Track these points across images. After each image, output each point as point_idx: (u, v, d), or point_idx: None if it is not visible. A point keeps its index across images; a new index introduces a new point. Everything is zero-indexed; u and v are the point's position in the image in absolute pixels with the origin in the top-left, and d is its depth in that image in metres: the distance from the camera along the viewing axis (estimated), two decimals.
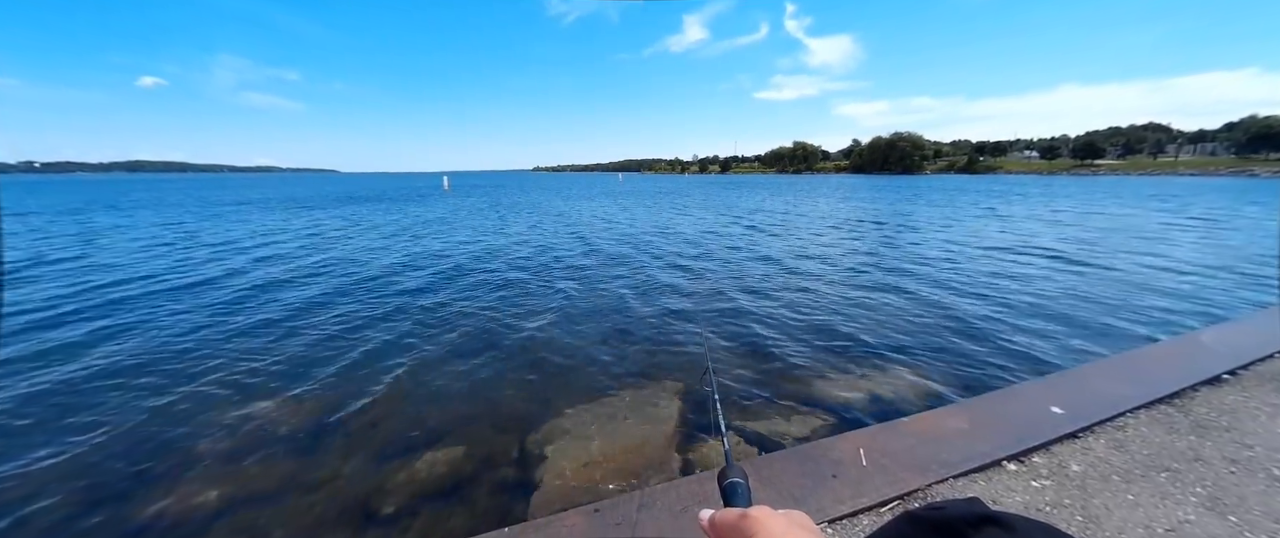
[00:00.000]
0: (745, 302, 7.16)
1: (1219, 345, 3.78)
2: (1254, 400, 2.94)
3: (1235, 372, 3.32)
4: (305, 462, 3.39)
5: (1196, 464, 2.36)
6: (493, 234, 15.44)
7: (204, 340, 5.69)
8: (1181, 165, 79.94)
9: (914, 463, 2.40)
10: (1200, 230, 14.16)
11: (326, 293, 7.90)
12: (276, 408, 4.12)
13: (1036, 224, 16.33)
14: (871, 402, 4.07)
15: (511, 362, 5.03)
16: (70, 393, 4.40)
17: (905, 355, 5.01)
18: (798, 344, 5.38)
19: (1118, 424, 2.74)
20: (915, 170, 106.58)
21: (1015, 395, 3.19)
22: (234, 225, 17.92)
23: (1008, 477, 2.34)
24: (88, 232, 16.14)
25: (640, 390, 4.30)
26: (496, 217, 21.60)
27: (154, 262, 10.69)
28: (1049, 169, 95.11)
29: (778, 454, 2.63)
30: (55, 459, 3.39)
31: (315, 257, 11.39)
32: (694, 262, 10.47)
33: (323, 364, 5.00)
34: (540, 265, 10.19)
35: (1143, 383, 3.15)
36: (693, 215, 21.45)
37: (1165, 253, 10.59)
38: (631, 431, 3.64)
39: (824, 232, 15.56)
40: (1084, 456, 2.47)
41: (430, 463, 3.32)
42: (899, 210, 22.65)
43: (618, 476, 3.13)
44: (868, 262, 10.26)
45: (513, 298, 7.54)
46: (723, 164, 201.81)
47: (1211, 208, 21.10)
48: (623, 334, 5.79)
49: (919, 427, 2.74)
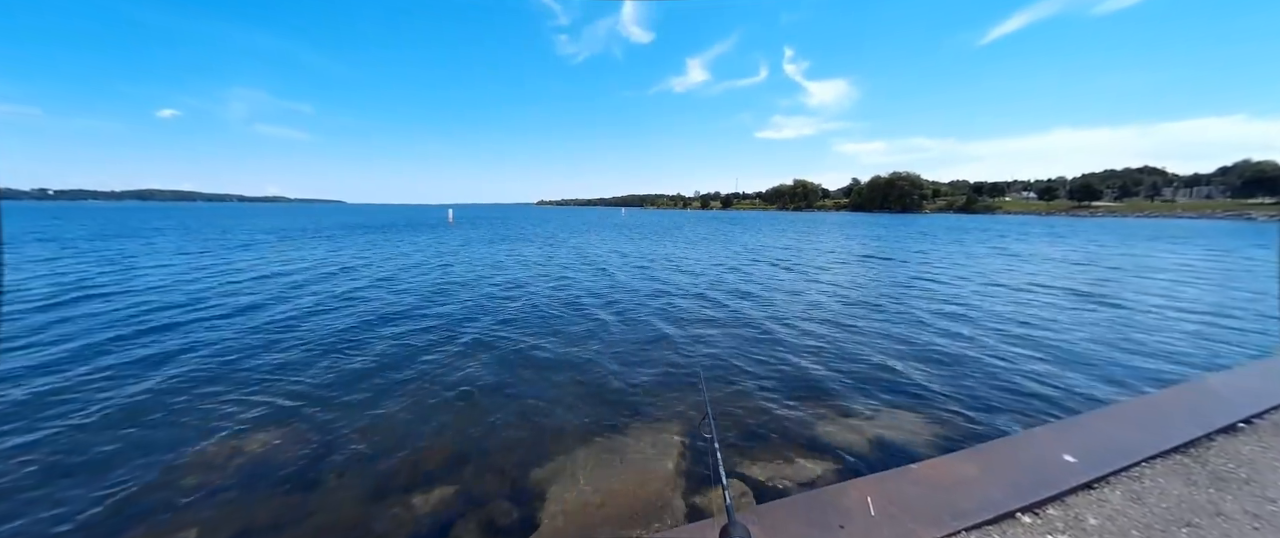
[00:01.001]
0: (747, 339, 7.09)
1: (1230, 391, 3.70)
2: (1272, 451, 2.86)
3: (1250, 420, 3.24)
4: (299, 495, 3.29)
5: (1218, 519, 2.27)
6: (495, 267, 15.50)
7: (197, 367, 5.63)
8: (1180, 208, 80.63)
9: (926, 513, 2.31)
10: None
11: (321, 324, 7.86)
12: (270, 438, 4.03)
13: (1058, 264, 16.33)
14: (878, 445, 3.96)
15: (507, 399, 4.95)
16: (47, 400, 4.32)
17: (914, 396, 4.92)
18: (801, 383, 5.29)
19: (1133, 475, 2.66)
20: (914, 209, 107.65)
21: (1026, 442, 3.10)
22: (265, 252, 18.05)
23: (1022, 531, 2.25)
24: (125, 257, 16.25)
25: (639, 431, 4.20)
26: (501, 249, 21.74)
27: (169, 291, 10.71)
28: (1047, 209, 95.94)
29: (781, 502, 2.54)
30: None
31: (313, 287, 11.42)
32: (696, 298, 10.44)
33: (316, 396, 4.91)
34: (540, 301, 10.17)
35: (1156, 431, 3.07)
36: (696, 250, 21.55)
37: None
38: (629, 473, 3.54)
39: (827, 267, 15.58)
40: (1100, 508, 2.38)
41: (425, 500, 3.23)
42: (902, 247, 22.74)
43: (614, 520, 3.02)
44: (872, 299, 10.21)
45: (512, 333, 7.49)
46: (724, 200, 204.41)
47: (1229, 249, 21.13)
48: (622, 373, 5.71)
49: (929, 474, 2.66)
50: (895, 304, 9.69)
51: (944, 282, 12.57)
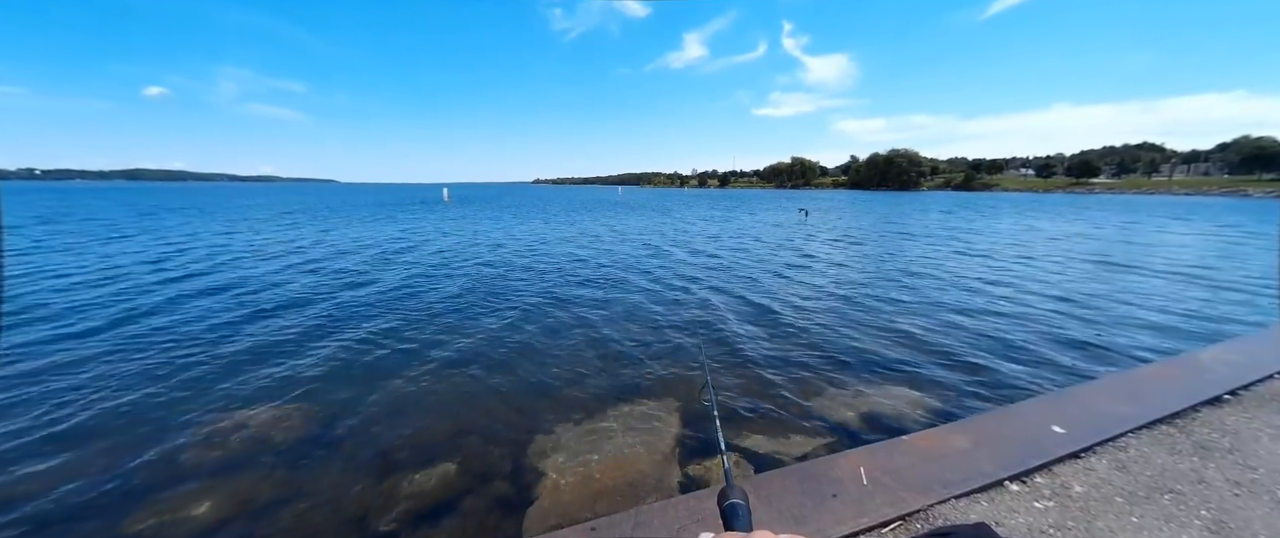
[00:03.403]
0: (746, 315, 7.14)
1: (1219, 365, 3.77)
2: (1256, 422, 2.93)
3: (1236, 392, 3.31)
4: (301, 473, 3.34)
5: (1200, 487, 2.33)
6: (493, 245, 15.45)
7: (198, 347, 5.64)
8: (1176, 185, 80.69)
9: (916, 482, 2.37)
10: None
11: (321, 301, 7.86)
12: (275, 417, 4.07)
13: (1071, 240, 16.40)
14: (872, 419, 4.04)
15: (508, 376, 4.99)
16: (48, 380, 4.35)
17: (907, 371, 4.99)
18: (797, 359, 5.35)
19: (1119, 445, 2.72)
20: (912, 187, 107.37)
21: (1016, 414, 3.16)
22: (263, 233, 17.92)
23: (1011, 498, 2.31)
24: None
25: (638, 406, 4.26)
26: (498, 227, 21.63)
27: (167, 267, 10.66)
28: (1045, 187, 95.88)
29: (776, 472, 2.60)
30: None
31: (309, 268, 11.38)
32: (694, 276, 10.46)
33: (318, 374, 4.95)
34: (539, 278, 10.17)
35: (1143, 403, 3.13)
36: (694, 228, 21.50)
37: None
38: (628, 447, 3.60)
39: (825, 244, 15.61)
40: (1087, 476, 2.44)
41: (426, 478, 3.28)
42: (899, 226, 22.75)
43: (614, 493, 3.09)
44: (870, 275, 10.27)
45: (511, 311, 7.50)
46: (722, 179, 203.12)
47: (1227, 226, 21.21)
48: (621, 349, 5.76)
49: (920, 445, 2.72)
50: (892, 281, 9.74)
51: (937, 258, 12.63)
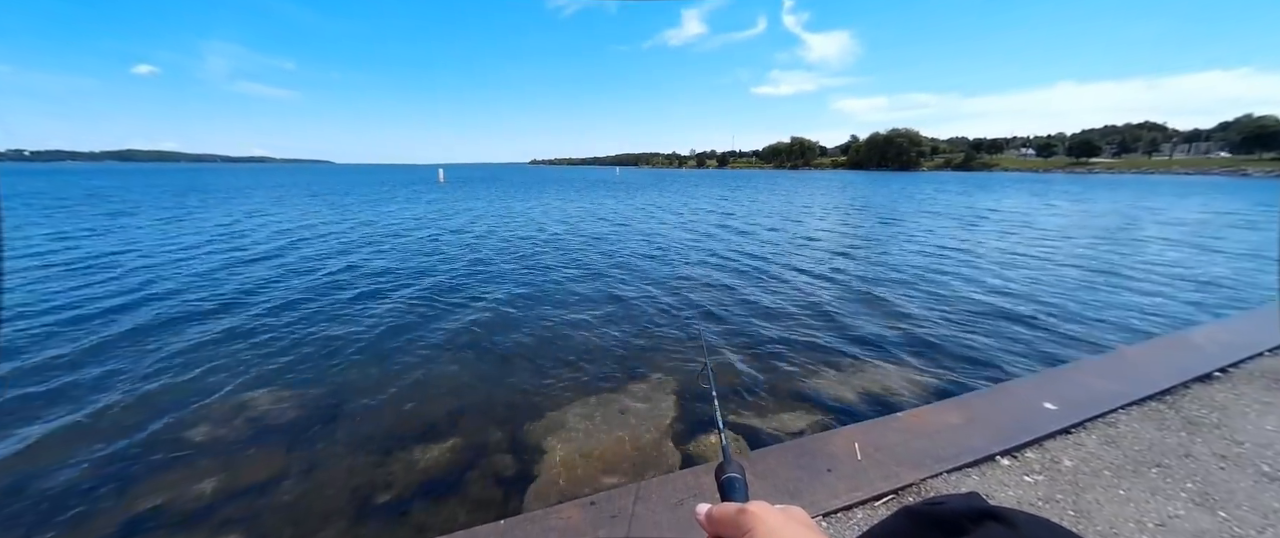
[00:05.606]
0: (743, 295, 7.17)
1: (1210, 343, 3.81)
2: (1244, 398, 2.98)
3: (1226, 369, 3.36)
4: (304, 450, 3.38)
5: (1187, 460, 2.39)
6: (489, 227, 15.38)
7: (199, 327, 5.65)
8: (1176, 165, 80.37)
9: (909, 457, 2.41)
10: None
11: (317, 282, 7.85)
12: (277, 396, 4.11)
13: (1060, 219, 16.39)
14: (866, 396, 4.09)
15: (508, 353, 5.03)
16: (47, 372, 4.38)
17: (901, 350, 5.04)
18: (794, 338, 5.40)
19: (1109, 421, 2.77)
20: (912, 167, 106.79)
21: (1009, 392, 3.21)
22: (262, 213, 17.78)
23: (1001, 472, 2.36)
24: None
25: (637, 384, 4.31)
26: (495, 208, 21.51)
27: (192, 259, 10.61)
28: (1045, 167, 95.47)
29: (773, 448, 2.64)
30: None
31: (298, 247, 11.33)
32: (692, 257, 10.46)
33: (324, 352, 4.98)
34: (539, 259, 10.16)
35: (1134, 380, 3.18)
36: (691, 210, 21.41)
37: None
38: (628, 424, 3.65)
39: (823, 226, 15.59)
40: (1076, 451, 2.49)
41: (428, 454, 3.33)
42: (896, 206, 22.69)
43: (614, 468, 3.14)
44: (866, 256, 10.29)
45: (511, 290, 7.51)
46: (720, 159, 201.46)
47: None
48: (620, 328, 5.79)
49: (913, 422, 2.76)
50: (888, 262, 9.76)
51: (935, 239, 12.63)
